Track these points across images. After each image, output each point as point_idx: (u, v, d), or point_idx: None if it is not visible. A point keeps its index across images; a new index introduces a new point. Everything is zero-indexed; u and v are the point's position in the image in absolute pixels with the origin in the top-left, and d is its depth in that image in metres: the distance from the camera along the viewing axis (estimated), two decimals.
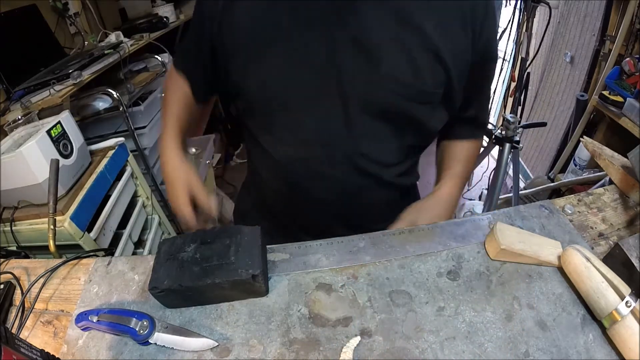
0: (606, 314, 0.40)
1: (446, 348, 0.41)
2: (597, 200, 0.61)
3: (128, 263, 0.54)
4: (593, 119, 1.62)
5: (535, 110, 2.13)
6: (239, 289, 0.46)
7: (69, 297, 0.52)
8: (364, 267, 0.50)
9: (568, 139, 1.74)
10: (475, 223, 0.56)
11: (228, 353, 0.42)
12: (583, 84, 1.68)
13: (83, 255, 0.57)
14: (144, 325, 0.42)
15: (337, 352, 0.41)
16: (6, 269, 0.57)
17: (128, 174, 1.29)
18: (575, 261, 0.44)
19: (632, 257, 0.43)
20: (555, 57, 1.92)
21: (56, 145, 0.96)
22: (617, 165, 0.61)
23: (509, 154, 1.53)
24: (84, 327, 0.45)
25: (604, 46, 1.55)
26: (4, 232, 0.96)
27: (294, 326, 0.44)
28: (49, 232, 0.68)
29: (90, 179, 1.08)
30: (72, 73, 1.28)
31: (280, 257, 0.53)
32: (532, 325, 0.43)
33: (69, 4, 1.61)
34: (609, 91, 1.44)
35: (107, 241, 1.13)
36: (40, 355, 0.37)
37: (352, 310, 0.46)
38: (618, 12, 1.46)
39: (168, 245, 0.49)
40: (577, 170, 1.63)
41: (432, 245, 0.53)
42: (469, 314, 0.44)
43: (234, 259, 0.45)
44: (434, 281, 0.48)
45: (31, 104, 1.20)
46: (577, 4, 1.71)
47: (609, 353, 0.40)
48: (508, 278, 0.48)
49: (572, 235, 0.53)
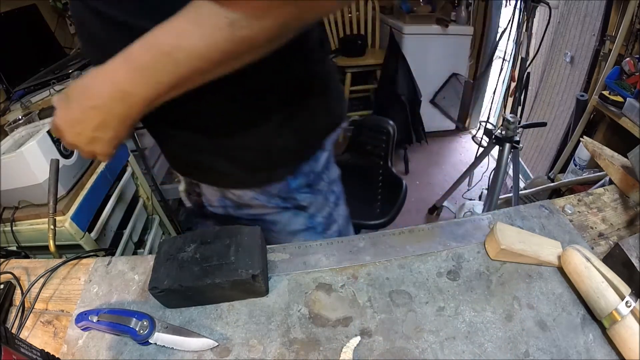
0: (606, 314, 0.40)
1: (446, 348, 0.41)
2: (597, 200, 0.61)
3: (128, 263, 0.54)
4: (593, 119, 1.62)
5: (535, 110, 2.13)
6: (239, 289, 0.46)
7: (69, 297, 0.52)
8: (364, 267, 0.50)
9: (568, 139, 1.74)
10: (475, 223, 0.56)
11: (228, 353, 0.42)
12: (583, 84, 1.68)
13: (83, 255, 0.57)
14: (144, 325, 0.43)
15: (337, 352, 0.41)
16: (6, 269, 0.57)
17: (128, 174, 1.30)
18: (575, 261, 0.44)
19: (632, 257, 0.43)
20: (555, 57, 1.92)
21: (57, 145, 0.96)
22: (617, 165, 0.61)
23: (509, 154, 1.53)
24: (84, 327, 0.45)
25: (604, 46, 1.55)
26: (4, 232, 0.96)
27: (294, 326, 0.44)
28: (49, 232, 0.68)
29: (90, 179, 1.08)
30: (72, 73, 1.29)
31: (280, 257, 0.53)
32: (532, 325, 0.43)
33: (69, 4, 1.61)
34: (609, 91, 1.44)
35: (107, 241, 1.13)
36: (40, 355, 0.37)
37: (352, 310, 0.46)
38: (618, 12, 1.45)
39: (168, 245, 0.49)
40: (577, 170, 1.63)
41: (432, 245, 0.53)
42: (469, 314, 0.44)
43: (234, 259, 0.45)
44: (434, 281, 0.48)
45: (31, 104, 1.21)
46: (577, 4, 1.71)
47: (609, 353, 0.40)
48: (508, 278, 0.48)
49: (572, 235, 0.53)
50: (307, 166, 0.57)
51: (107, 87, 0.39)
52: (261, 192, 0.57)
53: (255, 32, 0.33)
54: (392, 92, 2.34)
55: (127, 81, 0.38)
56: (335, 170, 0.66)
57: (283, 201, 0.59)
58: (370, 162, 1.42)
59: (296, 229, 0.64)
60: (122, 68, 0.38)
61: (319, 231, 0.66)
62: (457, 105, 2.75)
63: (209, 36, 0.34)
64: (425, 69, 2.45)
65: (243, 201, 0.59)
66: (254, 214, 0.62)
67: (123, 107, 0.40)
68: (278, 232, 0.64)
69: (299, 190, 0.59)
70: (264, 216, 0.62)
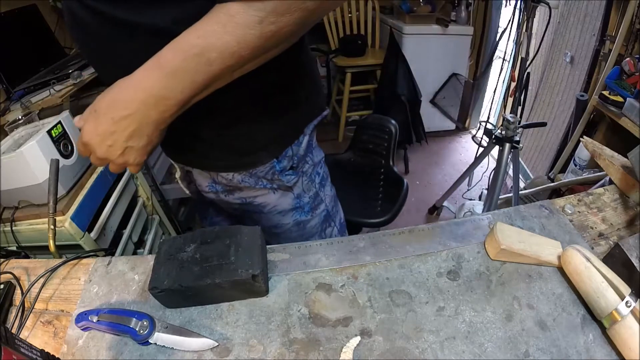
0: (606, 314, 0.40)
1: (446, 348, 0.41)
2: (597, 200, 0.61)
3: (128, 263, 0.54)
4: (593, 119, 1.61)
5: (535, 110, 2.13)
6: (239, 289, 0.46)
7: (69, 297, 0.52)
8: (364, 267, 0.50)
9: (568, 139, 1.74)
10: (475, 223, 0.56)
11: (228, 353, 0.42)
12: (583, 84, 1.68)
13: (83, 255, 0.57)
14: (144, 325, 0.43)
15: (337, 352, 0.41)
16: (6, 269, 0.57)
17: (128, 174, 1.29)
18: (575, 261, 0.44)
19: (632, 257, 0.43)
20: (555, 57, 1.92)
21: (56, 145, 0.96)
22: (617, 165, 0.61)
23: (509, 154, 1.53)
24: (84, 327, 0.45)
25: (604, 46, 1.55)
26: (4, 232, 0.96)
27: (294, 326, 0.44)
28: (49, 232, 0.68)
29: (90, 179, 1.08)
30: (72, 73, 1.28)
31: (280, 257, 0.53)
32: (532, 325, 0.43)
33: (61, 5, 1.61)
34: (609, 91, 1.43)
35: (107, 241, 1.13)
36: (40, 355, 0.37)
37: (352, 310, 0.46)
38: (618, 12, 1.45)
39: (168, 245, 0.49)
40: (577, 170, 1.63)
41: (432, 245, 0.53)
42: (469, 314, 0.44)
43: (234, 259, 0.45)
44: (434, 281, 0.48)
45: (31, 104, 1.21)
46: (577, 4, 1.71)
47: (609, 353, 0.40)
48: (508, 278, 0.48)
49: (572, 235, 0.53)
50: (290, 150, 0.61)
51: (140, 94, 0.40)
52: (249, 175, 0.61)
53: (281, 27, 0.37)
54: (392, 92, 2.35)
55: (160, 86, 0.40)
56: (320, 153, 0.71)
57: (270, 182, 0.63)
58: (372, 161, 1.42)
59: (285, 209, 0.68)
60: (154, 74, 0.40)
61: (306, 210, 0.70)
62: (457, 105, 2.75)
63: (240, 34, 0.36)
64: (425, 69, 2.45)
65: (233, 184, 0.63)
66: (244, 197, 0.66)
67: (157, 113, 0.41)
68: (269, 213, 0.68)
69: (283, 173, 0.62)
70: (254, 199, 0.66)
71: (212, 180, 0.64)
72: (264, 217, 0.69)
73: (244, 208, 0.68)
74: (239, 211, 0.71)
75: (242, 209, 0.69)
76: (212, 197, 0.68)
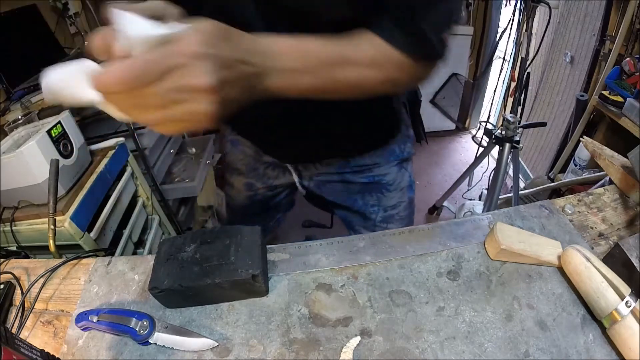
0: (606, 314, 0.40)
1: (446, 348, 0.41)
2: (597, 200, 0.61)
3: (128, 263, 0.54)
4: (593, 119, 1.61)
5: (535, 110, 2.13)
6: (239, 289, 0.46)
7: (69, 297, 0.52)
8: (364, 267, 0.50)
9: (568, 139, 1.74)
10: (475, 223, 0.56)
11: (228, 353, 0.42)
12: (583, 84, 1.68)
13: (83, 255, 0.57)
14: (144, 325, 0.43)
15: (337, 352, 0.41)
16: (6, 269, 0.57)
17: (128, 174, 1.29)
18: (575, 261, 0.44)
19: (632, 257, 0.43)
20: (555, 57, 1.92)
21: (56, 145, 0.95)
22: (617, 165, 0.61)
23: (509, 154, 1.53)
24: (84, 327, 0.45)
25: (604, 46, 1.55)
26: (4, 232, 0.96)
27: (294, 326, 0.44)
28: (49, 232, 0.68)
29: (90, 179, 1.08)
30: None
31: (280, 257, 0.53)
32: (532, 325, 0.43)
33: (69, 4, 1.61)
34: (609, 91, 1.43)
35: (107, 241, 1.13)
36: (40, 355, 0.37)
37: (352, 310, 0.46)
38: (618, 12, 1.45)
39: (168, 245, 0.49)
40: (577, 170, 1.63)
41: (432, 245, 0.53)
42: (469, 314, 0.44)
43: (234, 259, 0.45)
44: (434, 281, 0.48)
45: (31, 104, 1.20)
46: (577, 4, 1.71)
47: (609, 353, 0.40)
48: (508, 278, 0.48)
49: (572, 235, 0.53)
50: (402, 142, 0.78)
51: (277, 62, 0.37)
52: (379, 155, 0.74)
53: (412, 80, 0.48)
54: None
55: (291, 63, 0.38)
56: None
57: (395, 158, 0.76)
58: None
59: (404, 186, 0.79)
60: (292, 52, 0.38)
61: (413, 188, 0.83)
62: (457, 105, 2.75)
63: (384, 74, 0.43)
64: None
65: (365, 163, 0.74)
66: (372, 176, 0.76)
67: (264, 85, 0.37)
68: (393, 191, 0.79)
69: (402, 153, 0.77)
70: (382, 177, 0.77)
71: (344, 163, 0.74)
72: (387, 195, 0.78)
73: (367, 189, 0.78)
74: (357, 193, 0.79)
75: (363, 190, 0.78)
76: (335, 179, 0.76)
